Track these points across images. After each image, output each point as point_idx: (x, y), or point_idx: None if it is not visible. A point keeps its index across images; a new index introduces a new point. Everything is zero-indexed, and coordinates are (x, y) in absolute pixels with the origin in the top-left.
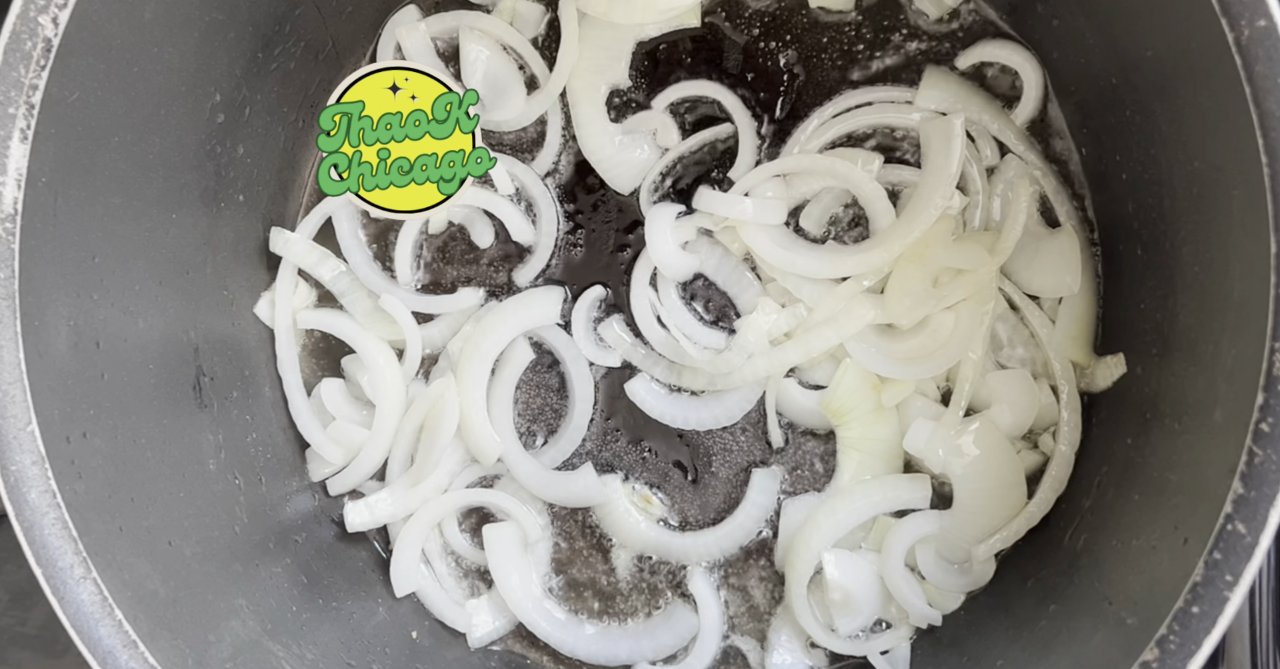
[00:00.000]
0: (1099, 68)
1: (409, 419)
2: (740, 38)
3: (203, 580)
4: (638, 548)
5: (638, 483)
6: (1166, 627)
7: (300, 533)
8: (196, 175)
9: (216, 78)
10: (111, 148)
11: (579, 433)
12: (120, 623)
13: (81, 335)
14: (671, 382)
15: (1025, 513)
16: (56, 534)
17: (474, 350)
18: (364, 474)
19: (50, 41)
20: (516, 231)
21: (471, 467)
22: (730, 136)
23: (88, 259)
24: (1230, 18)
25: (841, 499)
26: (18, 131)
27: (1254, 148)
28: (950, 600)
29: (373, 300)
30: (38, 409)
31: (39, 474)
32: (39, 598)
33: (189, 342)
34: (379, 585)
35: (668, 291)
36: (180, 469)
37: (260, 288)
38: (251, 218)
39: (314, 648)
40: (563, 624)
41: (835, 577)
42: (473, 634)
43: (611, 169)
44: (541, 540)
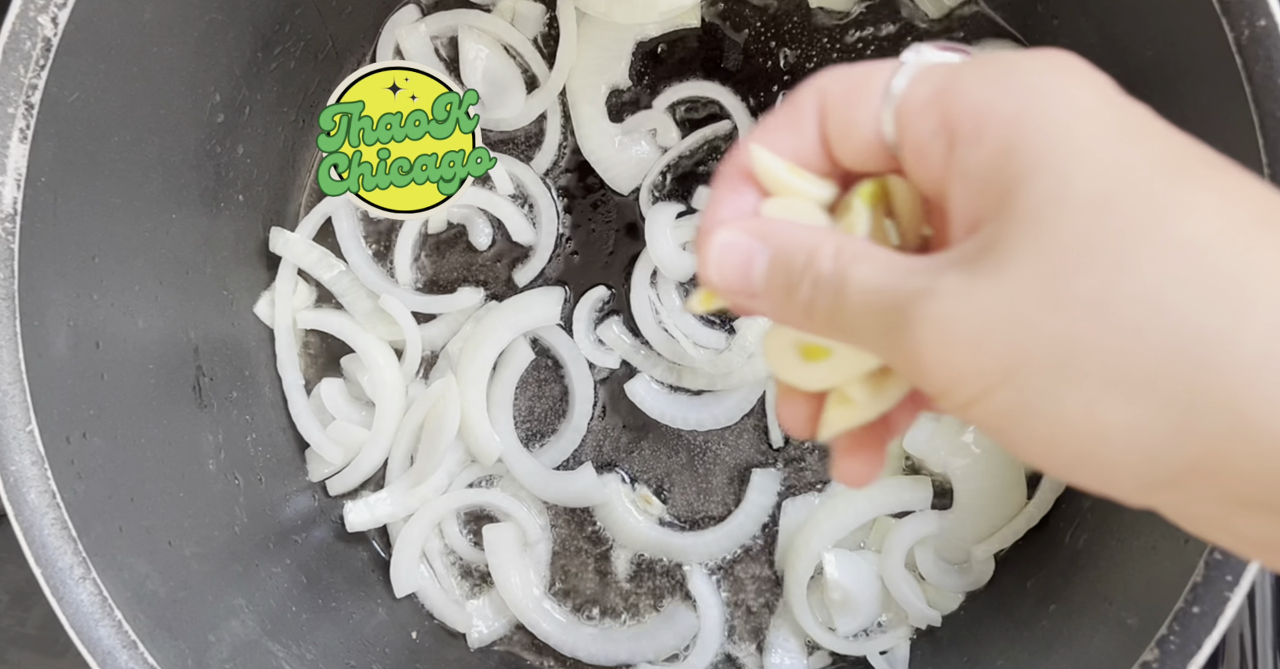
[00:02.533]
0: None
1: (409, 419)
2: (740, 37)
3: (202, 580)
4: (638, 548)
5: (638, 483)
6: (1167, 627)
7: (300, 533)
8: (196, 175)
9: (216, 77)
10: (111, 147)
11: (579, 433)
12: (120, 623)
13: (81, 335)
14: (671, 382)
15: (1025, 513)
16: (56, 534)
17: (474, 351)
18: (364, 474)
19: (50, 41)
20: (516, 231)
21: (471, 467)
22: (730, 135)
23: (87, 259)
24: (1231, 17)
25: (842, 500)
26: (17, 131)
27: (1255, 148)
28: (950, 601)
29: (372, 300)
30: (37, 409)
31: (38, 474)
32: (38, 598)
33: (189, 341)
34: (379, 586)
35: (668, 292)
36: (180, 469)
37: (260, 288)
38: (251, 218)
39: (314, 648)
40: (563, 625)
41: (835, 577)
42: (472, 634)
43: (611, 169)
44: (541, 541)
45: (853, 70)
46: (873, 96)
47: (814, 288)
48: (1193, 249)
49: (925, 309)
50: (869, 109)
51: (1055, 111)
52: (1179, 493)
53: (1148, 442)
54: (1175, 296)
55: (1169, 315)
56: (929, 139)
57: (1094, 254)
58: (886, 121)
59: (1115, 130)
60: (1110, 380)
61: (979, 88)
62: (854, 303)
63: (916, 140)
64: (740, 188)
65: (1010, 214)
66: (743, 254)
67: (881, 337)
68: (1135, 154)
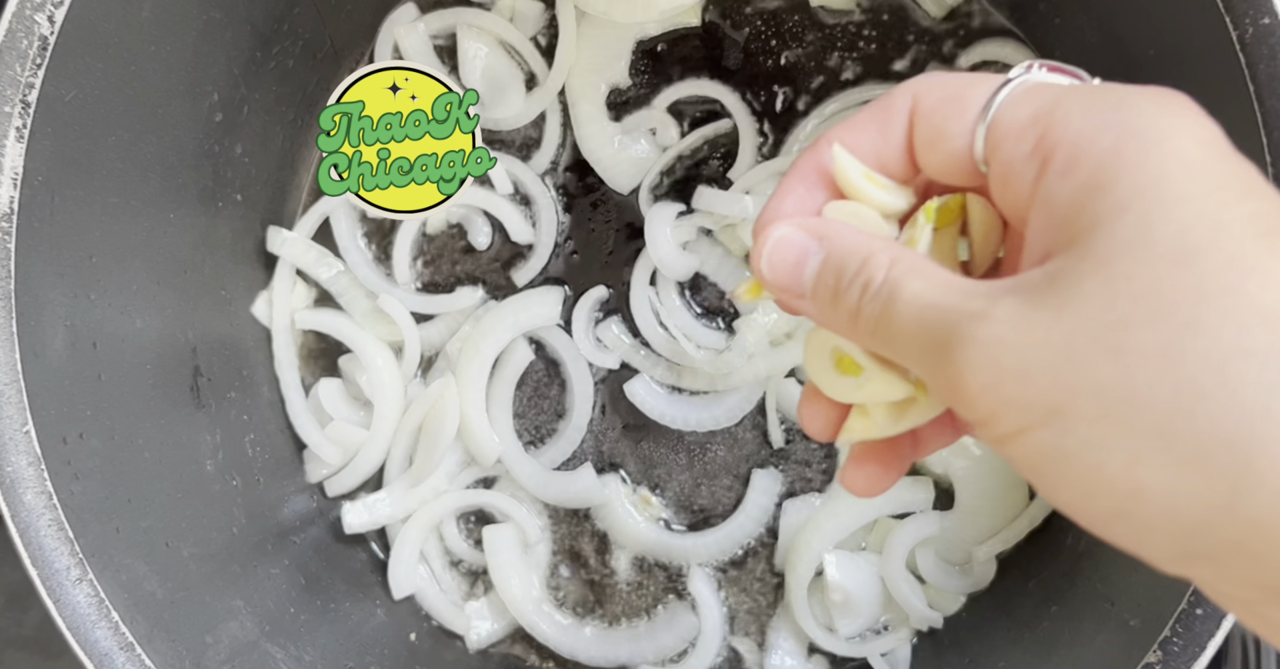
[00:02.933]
0: (1101, 66)
1: (408, 420)
2: (740, 36)
3: (200, 582)
4: (637, 549)
5: (638, 484)
6: (1170, 628)
7: (298, 534)
8: (194, 174)
9: (214, 76)
10: (108, 147)
11: (578, 433)
12: (117, 625)
13: (78, 335)
14: (671, 382)
15: (1027, 514)
16: (53, 535)
17: (473, 351)
18: (362, 475)
19: (46, 40)
20: (515, 231)
21: (470, 467)
22: (730, 135)
23: (84, 259)
24: (1234, 15)
25: (843, 501)
26: (14, 130)
27: (1259, 147)
28: (951, 602)
29: (371, 300)
30: (34, 410)
31: (35, 475)
32: (35, 599)
33: (186, 342)
34: (377, 587)
35: (668, 292)
36: (178, 470)
37: (258, 287)
38: (249, 217)
39: (312, 650)
40: (562, 626)
41: (836, 578)
42: (471, 636)
43: (611, 168)
44: (541, 542)
45: (953, 78)
46: (970, 109)
47: (863, 295)
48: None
49: (976, 331)
50: (964, 122)
51: (1154, 155)
52: (1214, 570)
53: (1190, 511)
54: (1242, 368)
55: (1233, 387)
56: (1021, 162)
57: (1165, 308)
58: (979, 137)
59: (1213, 184)
60: (1160, 441)
61: (1081, 117)
62: (902, 316)
63: (1007, 161)
64: (812, 184)
65: (1085, 251)
66: (797, 251)
67: (926, 354)
68: (1229, 213)
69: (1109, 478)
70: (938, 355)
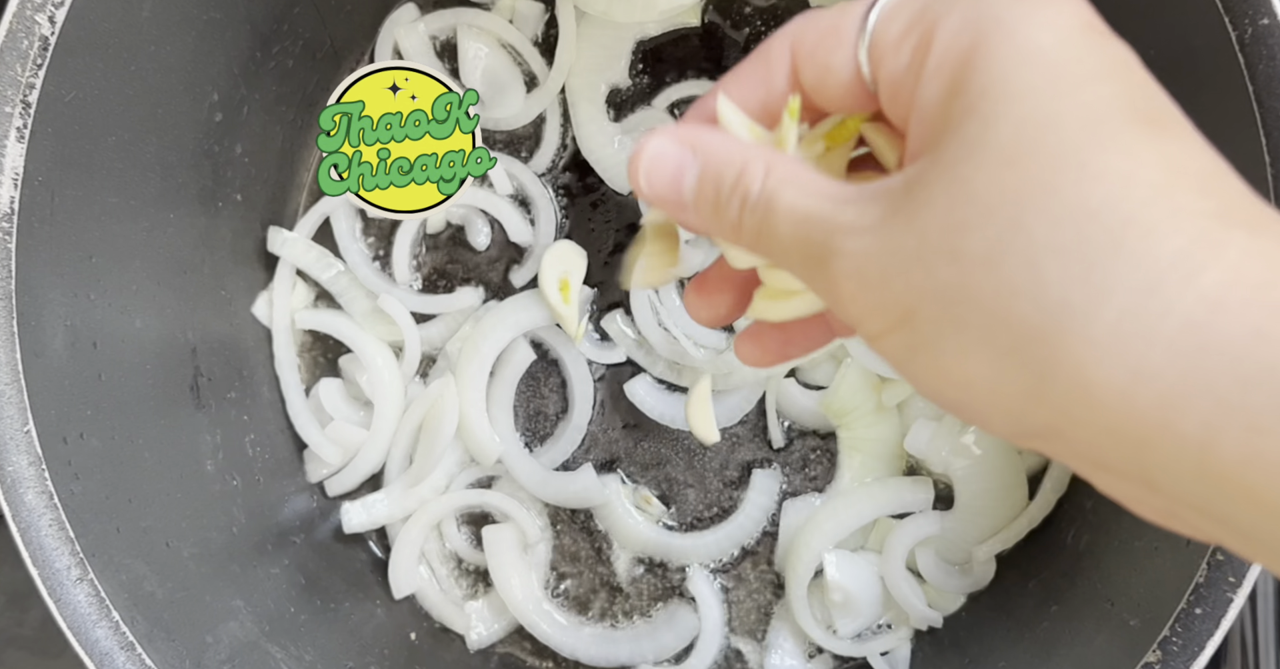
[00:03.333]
0: None
1: (407, 419)
2: (741, 36)
3: (200, 581)
4: (637, 548)
5: (638, 484)
6: (1169, 628)
7: (298, 534)
8: (194, 174)
9: (214, 76)
10: (109, 147)
11: (578, 433)
12: (117, 624)
13: (78, 335)
14: (672, 381)
15: (1026, 514)
16: (53, 535)
17: (473, 351)
18: (362, 475)
19: (47, 40)
20: (515, 232)
21: (470, 467)
22: None
23: (85, 259)
24: (1233, 16)
25: (843, 500)
26: (14, 130)
27: (1258, 147)
28: (951, 602)
29: (371, 300)
30: (34, 410)
31: (35, 475)
32: (35, 599)
33: (186, 342)
34: (377, 587)
35: (667, 292)
36: (178, 470)
37: (258, 288)
38: (249, 217)
39: (312, 649)
40: (562, 626)
41: (836, 578)
42: (471, 636)
43: (611, 168)
44: (541, 542)
45: (826, 13)
46: (848, 38)
47: (742, 209)
48: (1082, 219)
49: (846, 244)
50: (845, 52)
51: (1003, 50)
52: (1046, 446)
53: (1006, 400)
54: (1051, 265)
55: (1041, 283)
56: (901, 74)
57: (994, 210)
58: (864, 62)
59: (1056, 74)
60: (983, 337)
61: (946, 18)
62: (780, 229)
63: (890, 77)
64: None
65: (936, 157)
66: (673, 164)
67: (805, 264)
68: (1064, 103)
69: (946, 371)
70: (814, 267)
